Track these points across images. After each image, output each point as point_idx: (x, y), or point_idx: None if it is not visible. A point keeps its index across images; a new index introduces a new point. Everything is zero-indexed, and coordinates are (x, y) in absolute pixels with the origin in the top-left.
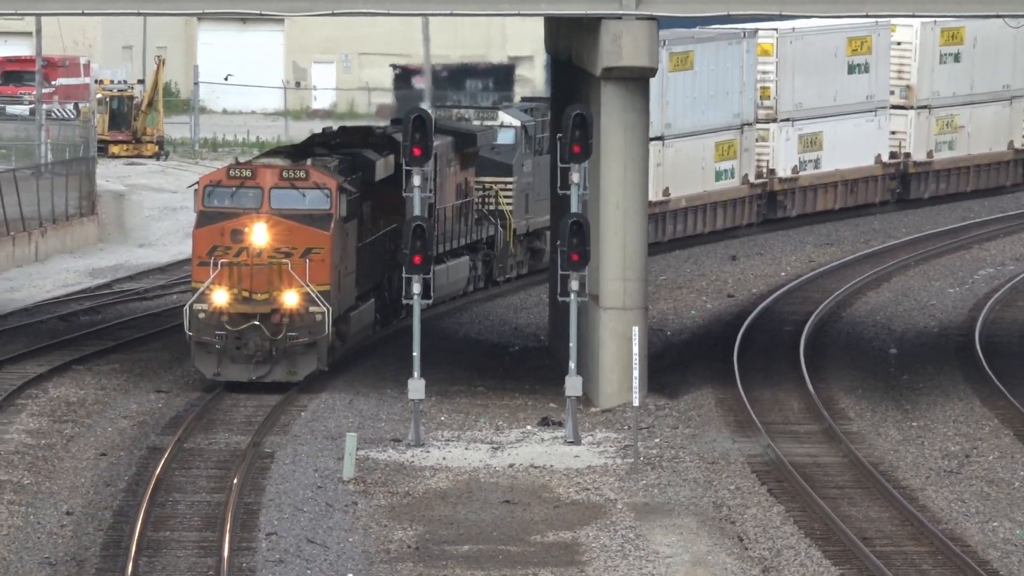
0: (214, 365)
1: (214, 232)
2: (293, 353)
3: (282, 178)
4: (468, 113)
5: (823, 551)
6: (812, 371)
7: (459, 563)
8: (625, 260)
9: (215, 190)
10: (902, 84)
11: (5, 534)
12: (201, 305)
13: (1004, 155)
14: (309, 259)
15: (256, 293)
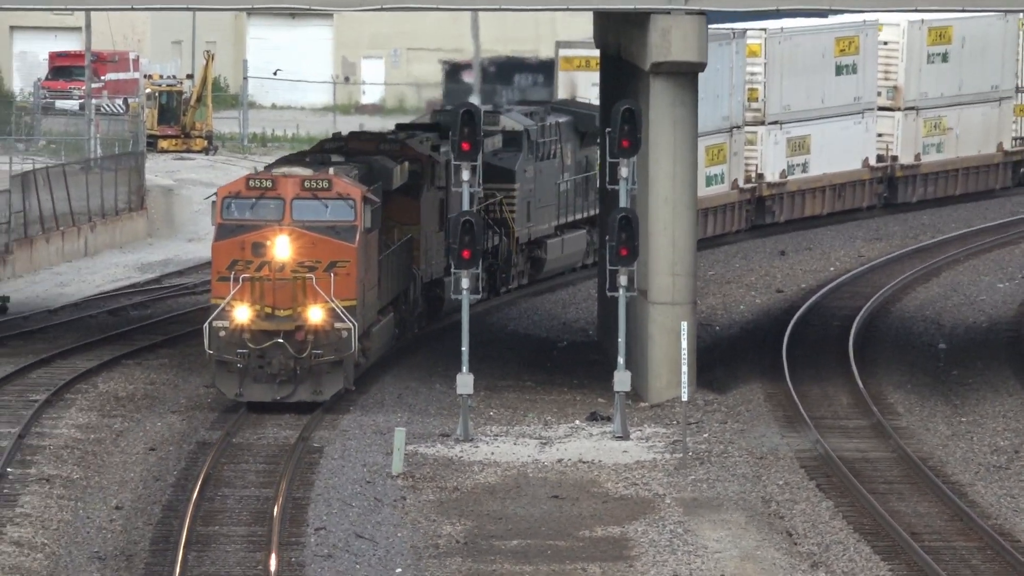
0: (236, 385)
1: (234, 246)
2: (318, 372)
3: (304, 188)
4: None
5: (872, 546)
6: (861, 366)
7: (507, 558)
8: (674, 255)
9: (234, 201)
10: (889, 85)
11: (55, 528)
12: (222, 322)
13: (993, 157)
14: (334, 273)
15: (279, 309)
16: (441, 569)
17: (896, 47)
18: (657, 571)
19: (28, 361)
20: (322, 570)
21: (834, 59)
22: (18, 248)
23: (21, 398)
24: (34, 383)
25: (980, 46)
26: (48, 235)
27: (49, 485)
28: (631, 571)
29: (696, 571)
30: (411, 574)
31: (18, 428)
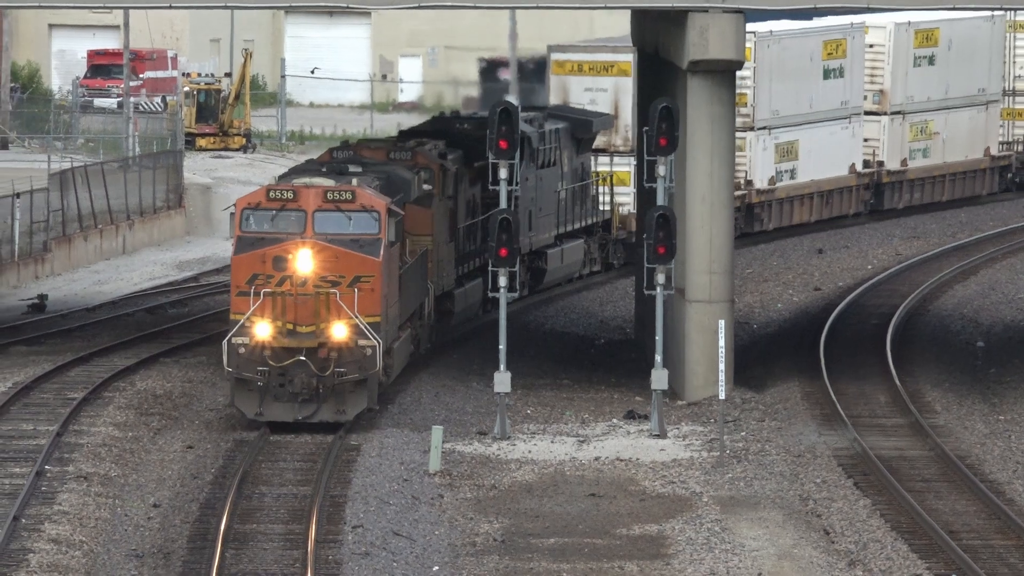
0: (256, 405)
1: (254, 259)
2: (341, 391)
3: (327, 200)
4: (467, 125)
5: (909, 544)
6: (899, 364)
7: (545, 556)
8: (711, 253)
9: (254, 213)
10: (875, 89)
11: (92, 526)
12: (241, 339)
13: (980, 163)
14: (358, 288)
15: (301, 326)
16: (478, 567)
17: (882, 50)
18: (694, 569)
19: (66, 359)
20: (359, 568)
21: (822, 63)
22: (56, 246)
23: (59, 396)
24: (72, 381)
25: (967, 49)
26: (86, 233)
27: (87, 483)
28: (668, 569)
29: (733, 569)
30: (448, 572)
31: (56, 426)
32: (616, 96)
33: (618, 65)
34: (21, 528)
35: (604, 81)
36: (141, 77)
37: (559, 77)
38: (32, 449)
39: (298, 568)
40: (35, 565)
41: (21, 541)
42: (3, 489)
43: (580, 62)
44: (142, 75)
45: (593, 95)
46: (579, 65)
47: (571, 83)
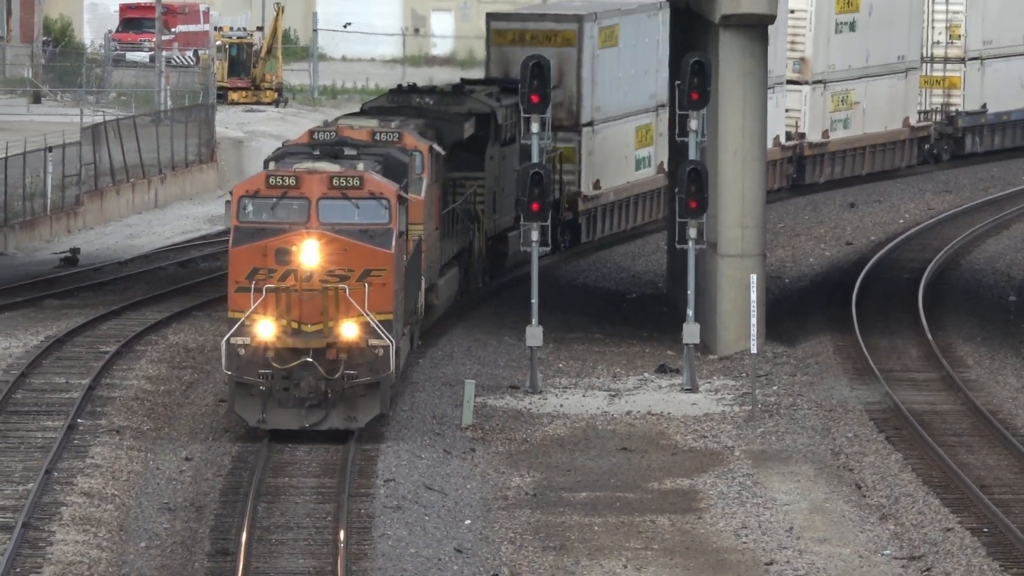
0: (258, 411)
1: (254, 252)
2: (352, 395)
3: (332, 186)
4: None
5: (941, 499)
6: (930, 319)
7: (576, 510)
8: (743, 207)
9: (252, 201)
10: (796, 57)
11: (125, 480)
12: (242, 339)
13: (899, 134)
14: (368, 283)
15: (307, 324)
16: (510, 521)
17: (804, 15)
18: (726, 523)
19: (98, 313)
20: (391, 521)
21: None
22: (89, 200)
23: (92, 350)
24: (104, 335)
25: (888, 14)
26: (118, 187)
27: (119, 436)
28: (700, 523)
29: (765, 523)
30: (480, 526)
31: (89, 379)
32: (560, 67)
33: (562, 34)
34: (54, 481)
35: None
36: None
37: (499, 48)
38: (64, 402)
39: (330, 521)
40: (67, 518)
41: (54, 494)
42: (36, 442)
43: (522, 31)
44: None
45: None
46: (520, 35)
47: (512, 54)
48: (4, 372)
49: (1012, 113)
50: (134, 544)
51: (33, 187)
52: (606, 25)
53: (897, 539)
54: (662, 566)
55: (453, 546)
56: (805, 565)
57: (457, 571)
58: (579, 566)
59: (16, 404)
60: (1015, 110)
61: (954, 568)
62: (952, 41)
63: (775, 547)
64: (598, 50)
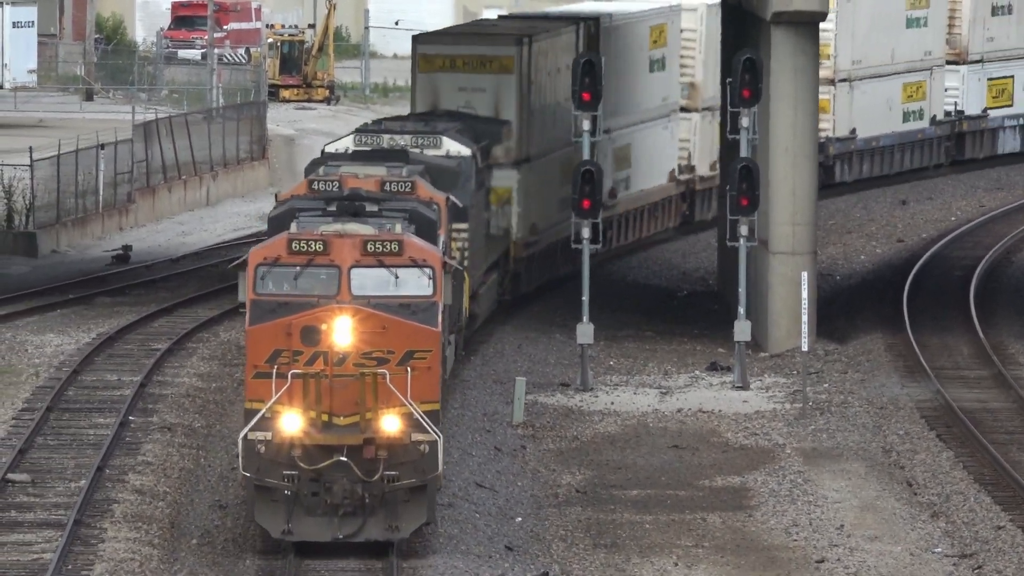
0: (283, 520)
1: (277, 330)
2: (393, 501)
3: (366, 252)
4: (403, 139)
5: (992, 496)
6: (982, 316)
7: (627, 508)
8: (795, 205)
9: (272, 271)
10: (685, 82)
11: (176, 477)
12: (262, 434)
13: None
14: (411, 367)
15: (340, 417)
16: (561, 518)
17: (693, 37)
18: (777, 521)
19: (150, 310)
20: (442, 519)
21: (648, 52)
22: (141, 197)
23: (143, 347)
24: (156, 332)
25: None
26: (170, 184)
27: (171, 433)
28: (751, 521)
29: (815, 521)
30: (531, 523)
31: (140, 376)
32: (497, 98)
33: (499, 60)
34: (106, 478)
35: (482, 79)
36: (225, 28)
37: (427, 75)
38: (116, 399)
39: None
40: (119, 515)
41: (106, 491)
42: (88, 439)
43: (452, 56)
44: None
45: (468, 96)
46: (451, 60)
47: (441, 81)
48: (57, 369)
49: (880, 138)
50: (185, 541)
51: (85, 185)
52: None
53: (948, 537)
54: (713, 564)
55: (504, 544)
56: (856, 563)
57: (508, 568)
58: (630, 564)
59: (68, 401)
60: (884, 135)
61: (1006, 566)
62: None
63: (826, 545)
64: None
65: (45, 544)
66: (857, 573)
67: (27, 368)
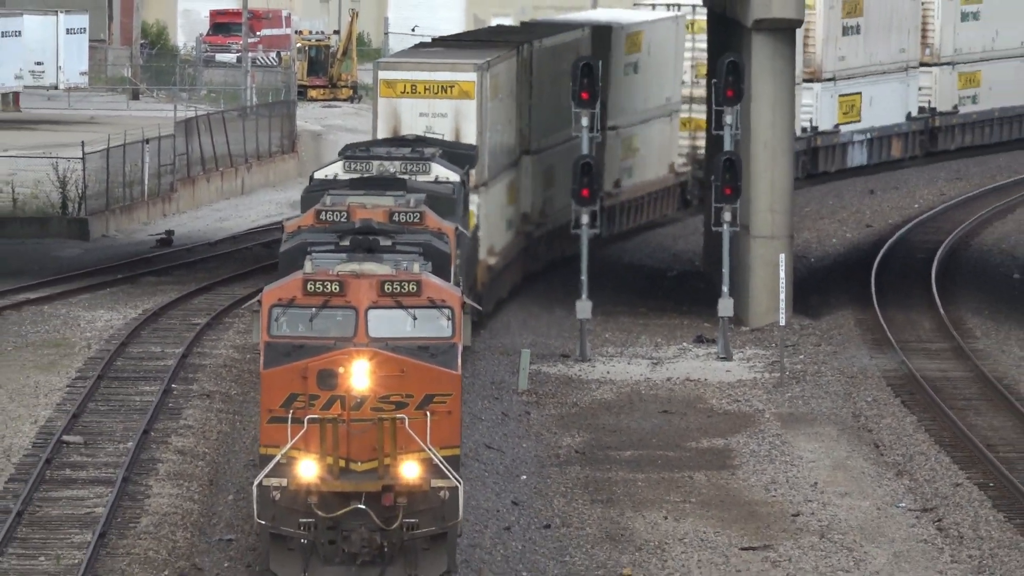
0: (299, 569)
1: (292, 374)
2: (412, 549)
3: (383, 293)
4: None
5: (951, 457)
6: (943, 294)
7: (622, 467)
8: (773, 194)
9: (286, 312)
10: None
11: (214, 439)
12: (277, 480)
13: (667, 180)
14: (430, 411)
15: (358, 463)
16: (562, 476)
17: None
18: (757, 479)
19: (190, 288)
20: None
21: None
22: (182, 187)
23: (184, 321)
24: (196, 308)
25: (661, 54)
26: (208, 175)
27: (209, 400)
28: (733, 479)
29: (792, 479)
30: (535, 481)
31: (182, 348)
32: (457, 123)
33: (459, 86)
34: (151, 440)
35: (443, 105)
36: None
37: (389, 100)
38: (160, 369)
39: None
40: (163, 474)
41: (151, 452)
42: (135, 405)
43: (414, 82)
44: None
45: (429, 121)
46: (412, 86)
47: (403, 107)
48: (106, 342)
49: None
50: (223, 496)
51: (132, 175)
52: (495, 72)
53: (911, 493)
54: (699, 517)
55: (511, 499)
56: (828, 516)
57: (514, 522)
58: (624, 517)
59: (117, 371)
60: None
61: (963, 519)
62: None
63: (801, 500)
64: (488, 102)
65: (96, 499)
66: (829, 526)
67: (80, 341)
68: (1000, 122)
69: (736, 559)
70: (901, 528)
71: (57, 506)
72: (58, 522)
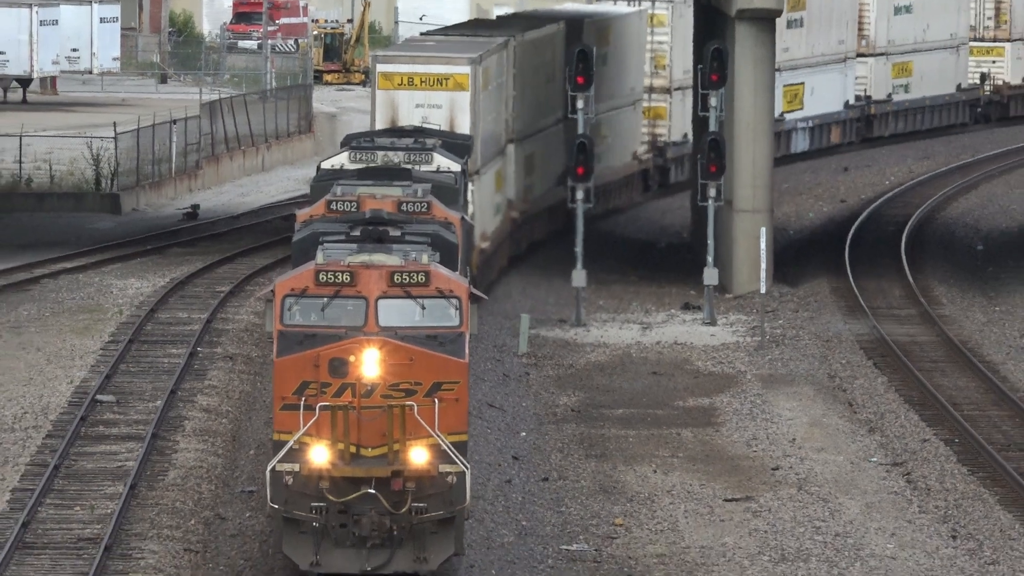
0: (311, 552)
1: (304, 362)
2: (421, 532)
3: (392, 283)
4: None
5: (919, 414)
6: (911, 264)
7: (614, 424)
8: (754, 171)
9: (300, 301)
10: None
11: (237, 398)
12: (290, 466)
13: (631, 167)
14: (438, 398)
15: (368, 449)
16: (558, 433)
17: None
18: (739, 435)
19: (215, 258)
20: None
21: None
22: (207, 165)
23: (209, 289)
24: (220, 277)
25: (627, 47)
26: (232, 153)
27: (232, 362)
28: (717, 435)
29: (771, 435)
30: (534, 437)
31: (207, 314)
32: (452, 113)
33: (454, 78)
34: (178, 399)
35: (438, 96)
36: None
37: (386, 92)
38: (187, 333)
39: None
40: (189, 430)
41: (178, 410)
42: (163, 367)
43: (411, 75)
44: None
45: (425, 112)
46: (409, 78)
47: (400, 99)
48: (137, 308)
49: None
50: (244, 451)
51: (160, 154)
52: (486, 64)
53: (882, 448)
54: (685, 471)
55: (511, 454)
56: (805, 470)
57: (514, 475)
58: (616, 471)
59: (146, 335)
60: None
61: (930, 472)
62: (657, 71)
63: (780, 455)
64: (480, 94)
65: (128, 453)
66: (806, 478)
67: (112, 307)
68: (931, 110)
69: (720, 509)
70: (873, 481)
71: (91, 460)
72: (92, 475)
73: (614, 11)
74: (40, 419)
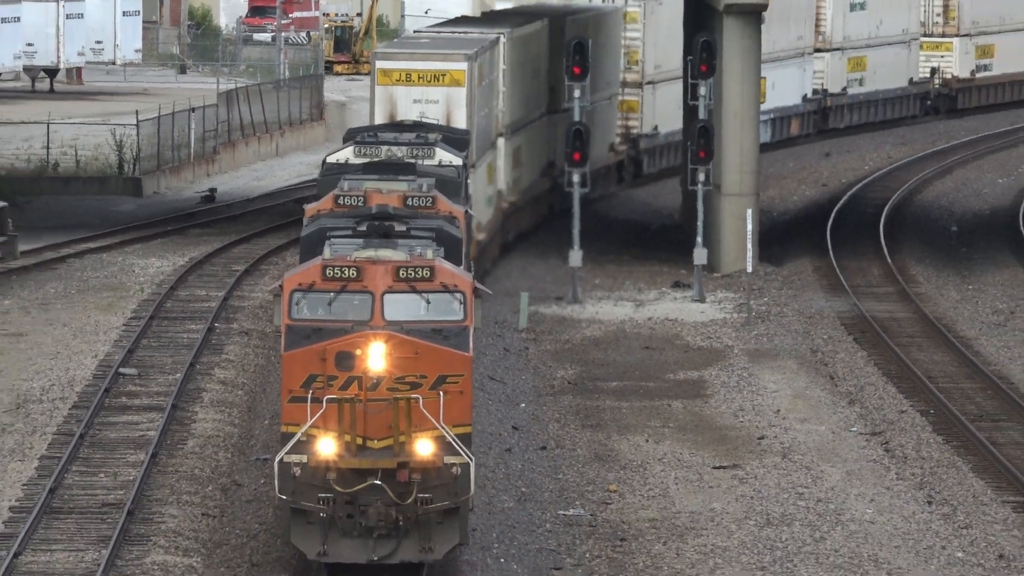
0: (318, 541)
1: (312, 356)
2: (427, 523)
3: (398, 278)
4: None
5: (897, 387)
6: (889, 244)
7: (608, 396)
8: (742, 156)
9: (307, 296)
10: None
11: (252, 371)
12: (298, 457)
13: (608, 159)
14: (443, 391)
15: (374, 440)
16: (556, 404)
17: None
18: (727, 406)
19: (231, 239)
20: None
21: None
22: (224, 150)
23: (225, 268)
24: (236, 256)
25: (606, 42)
26: (247, 140)
27: (247, 337)
28: (706, 406)
29: (757, 406)
30: (532, 408)
31: (223, 292)
32: (448, 108)
33: (450, 74)
34: (196, 372)
35: (435, 92)
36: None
37: (385, 88)
38: (205, 310)
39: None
40: (207, 401)
41: (197, 382)
42: (183, 341)
43: (408, 71)
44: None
45: (423, 107)
46: (407, 74)
47: (398, 94)
48: (157, 286)
49: (675, 133)
50: (259, 422)
51: (180, 140)
52: (481, 61)
53: (862, 419)
54: (676, 440)
55: (511, 424)
56: (789, 439)
57: (514, 444)
58: (610, 440)
59: (166, 311)
60: (677, 130)
61: (907, 441)
62: (630, 67)
63: (765, 425)
64: (476, 88)
65: (149, 423)
66: (790, 447)
67: (134, 285)
68: (884, 102)
69: (708, 476)
70: (853, 449)
71: (115, 430)
72: (115, 444)
73: (593, 8)
74: (66, 391)
